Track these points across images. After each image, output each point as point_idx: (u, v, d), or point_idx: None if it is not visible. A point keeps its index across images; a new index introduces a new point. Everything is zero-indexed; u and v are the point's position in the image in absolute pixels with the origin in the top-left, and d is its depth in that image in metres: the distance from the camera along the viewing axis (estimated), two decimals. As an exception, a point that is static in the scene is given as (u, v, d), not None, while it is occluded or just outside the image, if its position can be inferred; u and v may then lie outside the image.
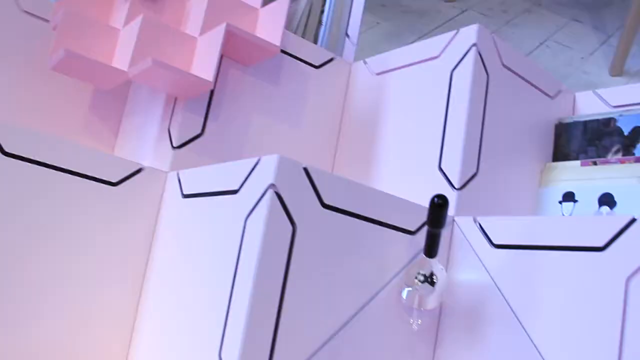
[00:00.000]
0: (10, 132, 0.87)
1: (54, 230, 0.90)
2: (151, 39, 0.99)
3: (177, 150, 1.01)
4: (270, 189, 0.73)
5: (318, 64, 1.20)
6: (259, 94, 1.11)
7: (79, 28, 1.02)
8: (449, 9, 2.52)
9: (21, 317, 0.87)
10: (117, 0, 1.15)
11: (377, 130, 1.13)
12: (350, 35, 1.30)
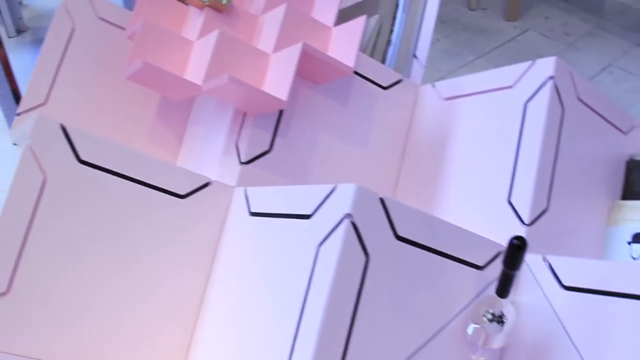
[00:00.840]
0: (87, 140, 0.88)
1: (121, 238, 0.91)
2: (226, 54, 0.99)
3: (244, 166, 1.01)
4: (346, 219, 0.73)
5: (386, 85, 1.19)
6: (327, 112, 1.11)
7: (156, 39, 1.03)
8: (509, 29, 2.49)
9: (84, 321, 0.88)
10: (190, 12, 1.16)
11: (443, 157, 1.12)
12: (418, 56, 1.29)
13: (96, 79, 1.19)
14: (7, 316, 0.84)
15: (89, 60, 1.19)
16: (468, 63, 2.26)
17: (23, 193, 0.85)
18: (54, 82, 1.17)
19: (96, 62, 1.19)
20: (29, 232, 0.85)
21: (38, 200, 0.86)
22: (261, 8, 1.15)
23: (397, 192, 1.19)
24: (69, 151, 0.87)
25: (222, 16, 1.10)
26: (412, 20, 1.31)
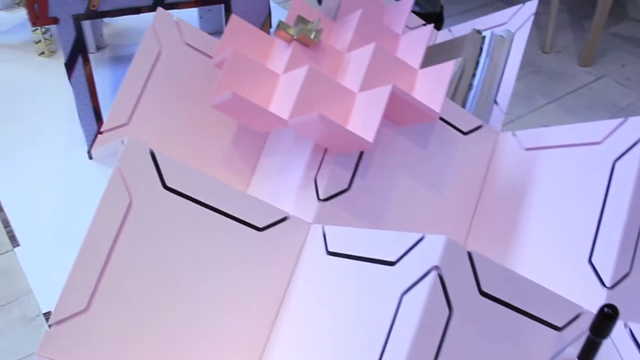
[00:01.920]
0: (174, 167, 0.89)
1: (197, 264, 0.91)
2: (313, 90, 0.99)
3: (322, 203, 1.01)
4: (433, 270, 0.72)
5: (466, 130, 1.18)
6: (407, 154, 1.10)
7: (244, 70, 1.04)
8: (583, 74, 2.45)
9: (158, 341, 0.88)
10: (276, 43, 1.17)
11: (520, 209, 1.10)
12: (499, 102, 1.28)
13: (178, 102, 1.21)
14: (85, 333, 0.85)
15: (173, 84, 1.21)
16: (539, 107, 2.22)
17: (109, 214, 0.86)
18: (137, 104, 1.19)
19: (179, 86, 1.21)
20: (111, 252, 0.86)
21: (123, 222, 0.87)
22: (347, 45, 1.15)
23: (468, 240, 1.17)
24: (155, 176, 0.88)
25: (309, 51, 1.10)
26: (495, 65, 1.30)
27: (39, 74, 1.93)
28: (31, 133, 1.67)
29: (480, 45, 1.31)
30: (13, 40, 2.16)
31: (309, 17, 1.18)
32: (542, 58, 2.52)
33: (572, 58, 2.55)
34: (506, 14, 1.40)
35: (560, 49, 2.59)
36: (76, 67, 1.35)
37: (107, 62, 1.93)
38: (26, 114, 1.74)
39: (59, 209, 1.43)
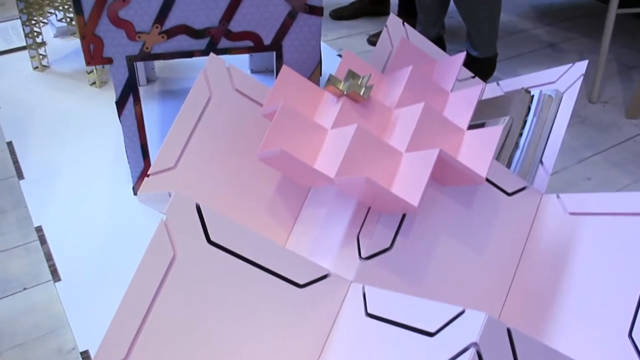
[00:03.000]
0: (218, 222, 0.90)
1: (238, 318, 0.92)
2: (360, 149, 1.00)
3: (363, 261, 1.01)
4: (472, 347, 0.71)
5: (511, 191, 1.17)
6: (450, 214, 1.10)
7: (292, 124, 1.05)
8: (630, 126, 2.42)
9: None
10: (325, 96, 1.18)
11: (560, 276, 1.09)
12: (544, 163, 1.27)
13: (225, 148, 1.23)
14: (122, 385, 0.86)
15: (221, 130, 1.23)
16: (584, 159, 2.20)
17: (153, 266, 0.87)
18: (185, 148, 1.21)
19: (227, 131, 1.23)
20: (153, 304, 0.87)
21: (165, 274, 0.88)
22: (396, 101, 1.16)
23: (506, 305, 1.16)
24: (200, 231, 0.89)
25: (358, 106, 1.11)
26: (542, 125, 1.29)
27: (89, 104, 1.97)
28: (78, 164, 1.70)
29: (528, 105, 1.31)
30: (66, 68, 2.21)
31: (359, 71, 1.19)
32: (589, 108, 2.50)
33: (619, 109, 2.52)
34: (555, 73, 1.40)
35: (608, 100, 2.57)
36: (127, 106, 1.38)
37: (156, 96, 1.97)
38: (74, 145, 1.78)
39: (101, 244, 1.45)
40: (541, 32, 3.06)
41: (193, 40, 1.31)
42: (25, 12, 2.11)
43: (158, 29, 1.29)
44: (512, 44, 2.92)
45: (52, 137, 1.81)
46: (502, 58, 2.80)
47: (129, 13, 1.27)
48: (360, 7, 2.97)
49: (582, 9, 3.35)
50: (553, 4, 3.38)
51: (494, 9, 2.32)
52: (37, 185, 1.64)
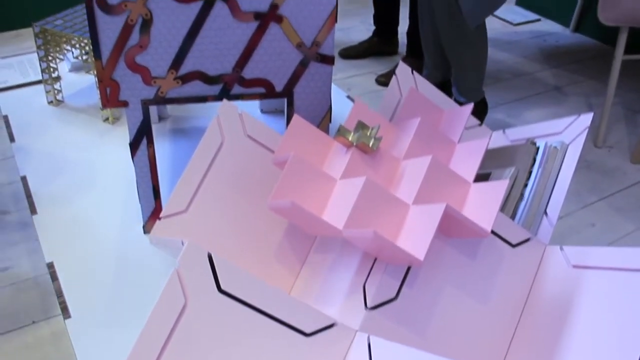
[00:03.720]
0: (229, 272, 0.92)
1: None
2: (368, 201, 1.02)
3: (369, 311, 1.03)
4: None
5: (515, 242, 1.20)
6: (455, 265, 1.12)
7: (302, 174, 1.08)
8: (635, 172, 2.44)
9: None
10: (334, 146, 1.21)
11: (562, 329, 1.10)
12: (549, 214, 1.29)
13: (236, 193, 1.25)
14: None
15: (232, 175, 1.26)
16: (589, 205, 2.22)
17: (164, 314, 0.89)
18: (197, 192, 1.24)
19: (238, 177, 1.26)
20: (163, 350, 0.90)
21: (176, 322, 0.90)
22: (404, 151, 1.19)
23: (508, 356, 1.17)
24: (211, 280, 0.92)
25: (367, 157, 1.14)
26: (547, 176, 1.32)
27: (102, 140, 2.00)
28: (89, 200, 1.73)
29: (533, 156, 1.33)
30: (80, 103, 2.26)
31: (369, 121, 1.22)
32: (594, 153, 2.53)
33: (624, 154, 2.54)
34: (561, 124, 1.43)
35: (613, 144, 2.59)
36: (140, 147, 1.41)
37: (168, 134, 2.01)
38: (85, 181, 1.81)
39: (111, 282, 1.47)
40: (547, 74, 3.10)
41: (207, 86, 1.35)
42: (43, 48, 2.15)
43: (173, 74, 1.33)
44: (518, 86, 2.96)
45: (65, 173, 1.85)
46: (509, 100, 2.83)
47: (146, 59, 1.31)
48: (369, 46, 3.01)
49: (588, 52, 3.39)
50: (559, 46, 3.42)
51: (479, 57, 2.35)
52: (49, 220, 1.67)
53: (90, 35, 1.28)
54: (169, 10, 1.26)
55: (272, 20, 1.28)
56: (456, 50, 2.29)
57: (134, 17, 1.27)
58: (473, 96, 2.41)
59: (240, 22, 1.28)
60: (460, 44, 2.27)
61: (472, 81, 2.38)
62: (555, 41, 3.48)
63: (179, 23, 1.27)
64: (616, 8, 2.34)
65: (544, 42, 3.46)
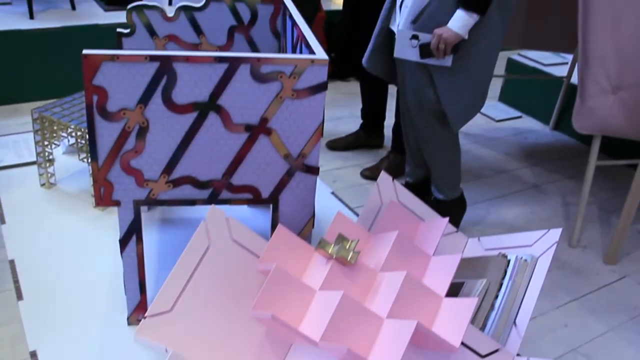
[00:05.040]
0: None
1: None
2: (345, 315, 1.08)
3: (341, 422, 1.08)
4: None
5: (484, 353, 1.25)
6: (425, 377, 1.17)
7: (283, 286, 1.14)
8: (608, 272, 2.52)
9: None
10: (315, 256, 1.28)
11: None
12: (518, 325, 1.35)
13: (220, 295, 1.31)
14: None
15: (217, 277, 1.32)
16: (562, 305, 2.29)
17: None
18: (182, 293, 1.30)
19: (223, 279, 1.32)
20: None
21: None
22: (381, 264, 1.26)
23: None
24: (192, 390, 0.97)
25: (345, 269, 1.20)
26: (517, 288, 1.38)
27: (91, 227, 2.06)
28: (76, 288, 1.77)
29: (505, 269, 1.40)
30: (72, 188, 2.32)
31: (349, 233, 1.29)
32: (568, 252, 2.61)
33: (597, 254, 2.62)
34: (532, 237, 1.50)
35: (587, 244, 2.68)
36: (129, 244, 1.47)
37: (156, 223, 2.06)
38: (73, 268, 1.86)
39: (94, 374, 1.50)
40: (527, 172, 3.21)
41: (197, 190, 1.42)
42: (40, 134, 2.23)
43: (165, 178, 1.40)
44: (498, 184, 3.06)
45: (53, 258, 1.89)
46: (489, 197, 2.93)
47: (140, 162, 1.38)
48: (356, 139, 3.13)
49: (566, 150, 3.52)
50: (539, 144, 3.55)
51: (453, 155, 2.45)
52: (34, 307, 1.71)
53: (88, 138, 1.35)
54: (165, 119, 1.34)
55: (261, 132, 1.36)
56: (431, 150, 2.40)
57: (131, 125, 1.35)
58: (451, 194, 2.50)
59: (232, 133, 1.36)
60: (434, 144, 2.37)
61: (449, 180, 2.47)
62: (535, 139, 3.61)
63: (174, 131, 1.36)
64: (589, 118, 2.46)
65: (525, 140, 3.59)
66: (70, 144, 2.49)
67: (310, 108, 1.35)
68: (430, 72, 2.22)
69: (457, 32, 2.10)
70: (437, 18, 2.13)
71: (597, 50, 2.38)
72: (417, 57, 2.19)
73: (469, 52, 2.18)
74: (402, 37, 2.18)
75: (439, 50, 2.12)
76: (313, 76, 1.32)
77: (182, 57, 1.28)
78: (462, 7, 2.07)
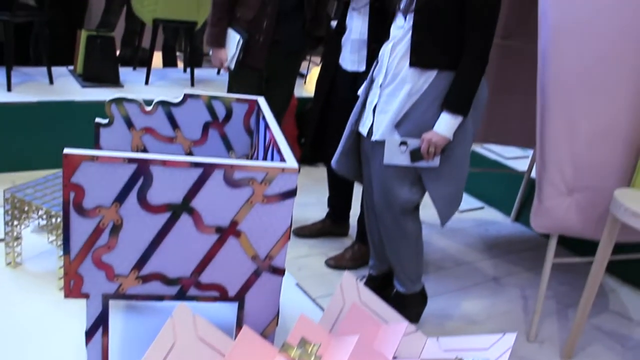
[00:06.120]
0: None
1: None
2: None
3: None
4: None
5: None
6: None
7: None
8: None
9: None
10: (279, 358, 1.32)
11: None
12: None
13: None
14: None
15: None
16: None
17: None
18: (145, 390, 1.32)
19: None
20: None
21: None
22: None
23: None
24: None
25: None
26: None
27: (56, 310, 2.06)
28: (38, 375, 1.78)
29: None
30: (38, 268, 2.33)
31: (311, 335, 1.34)
32: (526, 347, 2.66)
33: (554, 349, 2.68)
34: (488, 340, 1.56)
35: (544, 339, 2.73)
36: (95, 336, 1.50)
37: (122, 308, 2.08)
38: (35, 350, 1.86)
39: None
40: (487, 264, 3.29)
41: (165, 287, 1.46)
42: (10, 213, 2.26)
43: (135, 273, 1.44)
44: (459, 276, 3.13)
45: (16, 342, 1.89)
46: (450, 289, 2.99)
47: (111, 258, 1.43)
48: (322, 227, 3.20)
49: (526, 243, 3.62)
50: (500, 236, 3.65)
51: (416, 250, 2.52)
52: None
53: (63, 232, 1.39)
54: (138, 217, 1.39)
55: (231, 234, 1.42)
56: (396, 245, 2.47)
57: (105, 222, 1.39)
58: (413, 287, 2.56)
59: (202, 234, 1.42)
60: (399, 240, 2.45)
61: (411, 273, 2.53)
62: (496, 230, 3.71)
63: (147, 230, 1.40)
64: (546, 218, 2.56)
65: (486, 232, 3.68)
66: (39, 226, 2.51)
67: (279, 213, 1.42)
68: (419, 173, 2.33)
69: (444, 135, 2.21)
70: (423, 121, 2.24)
71: (554, 155, 2.50)
72: (407, 162, 2.29)
73: (452, 151, 2.28)
74: (391, 144, 2.27)
75: (429, 153, 2.23)
76: (283, 183, 1.39)
77: (159, 160, 1.35)
78: (447, 110, 2.19)
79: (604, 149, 2.50)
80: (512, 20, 3.28)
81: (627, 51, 2.41)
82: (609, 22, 2.39)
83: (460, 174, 2.37)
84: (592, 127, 2.47)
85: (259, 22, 2.91)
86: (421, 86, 2.24)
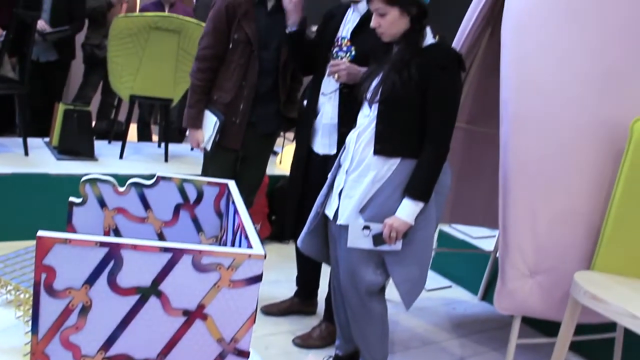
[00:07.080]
0: None
1: None
2: None
3: None
4: None
5: None
6: None
7: None
8: None
9: None
10: None
11: None
12: None
13: None
14: None
15: None
16: None
17: None
18: None
19: None
20: None
21: None
22: None
23: None
24: None
25: None
26: None
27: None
28: None
29: None
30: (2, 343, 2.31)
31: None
32: None
33: None
34: None
35: (509, 422, 2.75)
36: (59, 418, 1.50)
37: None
38: None
39: None
40: (454, 344, 3.33)
41: (133, 373, 1.49)
42: (-22, 288, 2.26)
43: (102, 354, 1.47)
44: (426, 355, 3.16)
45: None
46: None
47: (79, 338, 1.45)
48: (290, 306, 3.23)
49: (493, 322, 3.67)
50: (467, 315, 3.70)
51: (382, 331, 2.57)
52: None
53: (32, 313, 1.42)
54: (107, 299, 1.43)
55: (198, 317, 1.46)
56: (362, 326, 2.51)
57: (75, 303, 1.43)
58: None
59: (170, 316, 1.45)
60: (365, 320, 2.49)
61: (376, 354, 2.57)
62: (463, 309, 3.76)
63: (115, 312, 1.44)
64: (509, 299, 2.63)
65: (454, 310, 3.73)
66: (7, 301, 2.51)
67: (245, 297, 1.46)
68: (383, 257, 2.39)
69: (405, 221, 2.29)
70: (385, 207, 2.32)
71: (515, 237, 2.58)
72: (370, 246, 2.37)
73: (414, 235, 2.36)
74: (355, 228, 2.35)
75: (391, 238, 2.30)
76: (249, 269, 1.44)
77: (130, 244, 1.40)
78: (409, 196, 2.28)
79: (564, 231, 2.59)
80: (476, 107, 3.42)
81: (586, 137, 2.53)
82: (568, 113, 2.52)
83: (423, 258, 2.44)
84: (552, 210, 2.57)
85: (235, 105, 3.01)
86: (385, 173, 2.33)
